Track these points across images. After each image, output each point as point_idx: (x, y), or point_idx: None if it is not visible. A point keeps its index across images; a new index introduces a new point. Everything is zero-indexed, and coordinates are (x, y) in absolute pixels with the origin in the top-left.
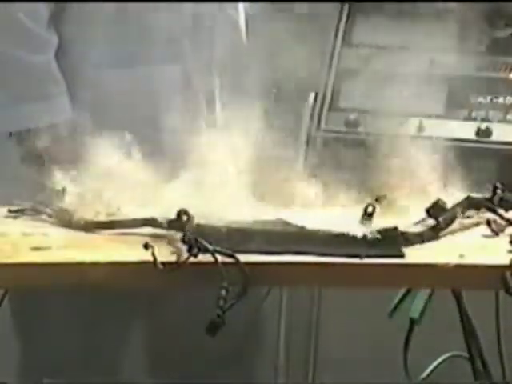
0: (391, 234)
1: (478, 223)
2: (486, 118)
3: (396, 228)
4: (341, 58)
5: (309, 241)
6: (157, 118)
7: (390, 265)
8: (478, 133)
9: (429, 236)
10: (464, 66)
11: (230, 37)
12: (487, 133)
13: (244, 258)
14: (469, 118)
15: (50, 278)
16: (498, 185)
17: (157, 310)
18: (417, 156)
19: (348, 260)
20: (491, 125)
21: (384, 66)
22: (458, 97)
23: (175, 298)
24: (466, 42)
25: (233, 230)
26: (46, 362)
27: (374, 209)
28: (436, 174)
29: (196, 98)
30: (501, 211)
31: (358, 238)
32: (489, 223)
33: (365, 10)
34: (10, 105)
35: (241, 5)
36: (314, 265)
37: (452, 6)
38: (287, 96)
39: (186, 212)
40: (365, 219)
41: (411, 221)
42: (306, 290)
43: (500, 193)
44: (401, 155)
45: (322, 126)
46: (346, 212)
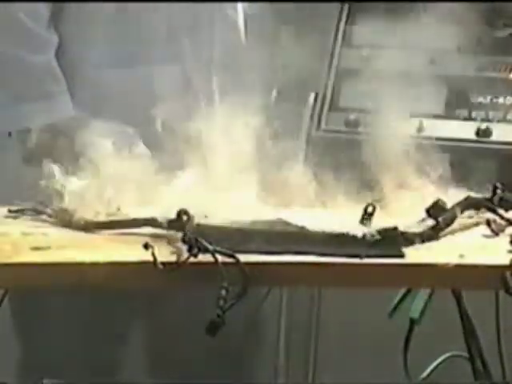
0: (391, 233)
1: (478, 223)
2: (486, 118)
3: (396, 228)
4: (341, 57)
5: (309, 241)
6: (156, 118)
7: (390, 265)
8: (478, 133)
9: (429, 236)
10: (464, 65)
11: (229, 37)
12: (487, 133)
13: (244, 257)
14: (469, 117)
15: (50, 278)
16: (498, 185)
17: (157, 310)
18: (416, 156)
19: (348, 260)
20: (491, 125)
21: (384, 66)
22: (458, 97)
23: (175, 298)
24: (466, 42)
25: (233, 230)
26: (46, 361)
27: (374, 209)
28: (436, 174)
29: (195, 98)
30: (501, 211)
31: (358, 237)
32: (489, 223)
33: (365, 10)
34: (10, 104)
35: (239, 5)
36: (314, 265)
37: (452, 5)
38: (287, 96)
39: (186, 212)
40: (365, 219)
41: (411, 221)
42: (306, 290)
43: (500, 193)
44: (401, 155)
45: (322, 125)
46: (345, 212)
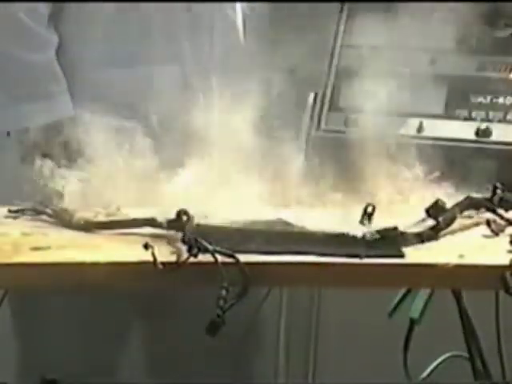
0: (391, 233)
1: (478, 223)
2: (486, 118)
3: (396, 228)
4: (341, 57)
5: (309, 241)
6: (156, 118)
7: (390, 265)
8: (478, 133)
9: (428, 236)
10: (464, 65)
11: (228, 37)
12: (487, 133)
13: (244, 258)
14: (469, 117)
15: (50, 278)
16: (498, 185)
17: (157, 310)
18: (416, 156)
19: (348, 260)
20: (491, 125)
21: (384, 66)
22: (458, 97)
23: (175, 298)
24: (466, 42)
25: (233, 230)
26: (46, 361)
27: (373, 209)
28: (435, 174)
29: (194, 98)
30: (500, 211)
31: (358, 238)
32: (488, 223)
33: (365, 10)
34: (11, 104)
35: (238, 5)
36: (313, 265)
37: (452, 5)
38: (286, 96)
39: (185, 212)
40: (364, 219)
41: (411, 221)
42: (306, 290)
43: (500, 193)
44: (400, 155)
45: (322, 126)
46: (345, 212)
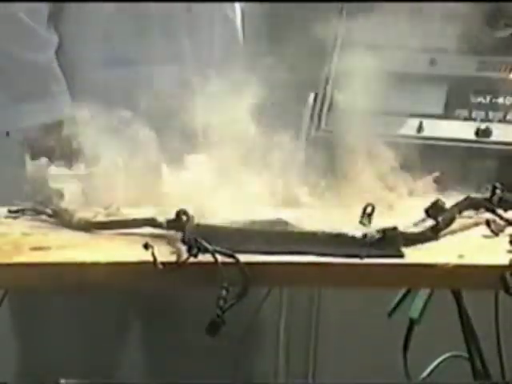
0: (391, 234)
1: (478, 223)
2: (486, 118)
3: (395, 228)
4: (341, 58)
5: (309, 241)
6: (155, 118)
7: (390, 265)
8: (478, 133)
9: (428, 236)
10: (464, 66)
11: (227, 37)
12: (487, 133)
13: (244, 258)
14: (469, 117)
15: (49, 278)
16: (498, 185)
17: (157, 310)
18: (416, 156)
19: (348, 260)
20: (491, 125)
21: (384, 66)
22: (458, 97)
23: (175, 298)
24: (466, 42)
25: (233, 230)
26: (45, 361)
27: (373, 209)
28: (435, 174)
29: (193, 98)
30: (500, 211)
31: (358, 238)
32: (488, 223)
33: (365, 10)
34: (11, 104)
35: (237, 5)
36: (313, 265)
37: (452, 5)
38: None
39: (185, 212)
40: (364, 219)
41: (410, 221)
42: (306, 290)
43: (499, 193)
44: (400, 155)
45: (322, 125)
46: (345, 212)
